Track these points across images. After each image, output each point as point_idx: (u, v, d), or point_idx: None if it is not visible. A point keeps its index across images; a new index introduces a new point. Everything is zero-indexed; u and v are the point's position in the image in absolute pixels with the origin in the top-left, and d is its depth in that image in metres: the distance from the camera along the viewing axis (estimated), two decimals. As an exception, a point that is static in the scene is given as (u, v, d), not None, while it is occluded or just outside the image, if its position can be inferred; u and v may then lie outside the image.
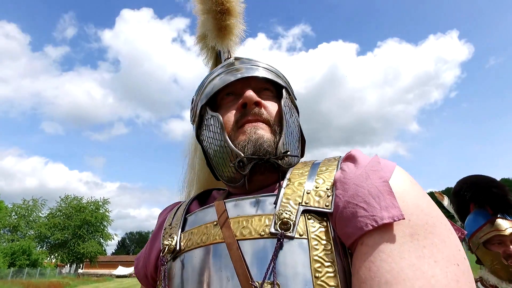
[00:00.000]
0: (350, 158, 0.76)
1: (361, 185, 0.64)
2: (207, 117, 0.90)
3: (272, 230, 0.64)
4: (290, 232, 0.63)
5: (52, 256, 32.58)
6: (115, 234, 37.14)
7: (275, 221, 0.65)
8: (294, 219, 0.65)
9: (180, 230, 0.80)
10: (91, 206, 33.35)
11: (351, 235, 0.60)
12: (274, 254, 0.61)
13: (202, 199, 0.99)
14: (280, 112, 0.88)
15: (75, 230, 31.41)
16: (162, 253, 0.77)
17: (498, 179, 2.14)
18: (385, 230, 0.57)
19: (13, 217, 31.02)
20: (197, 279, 0.67)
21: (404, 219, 0.57)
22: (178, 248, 0.76)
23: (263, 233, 0.65)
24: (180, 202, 1.01)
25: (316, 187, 0.71)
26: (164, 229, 0.86)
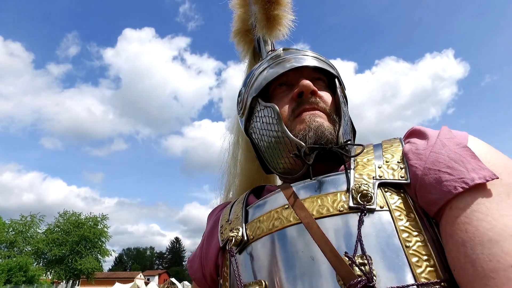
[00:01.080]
0: (415, 133, 0.75)
1: (439, 152, 0.62)
2: (258, 109, 0.88)
3: (351, 204, 0.62)
4: (370, 205, 0.61)
5: (49, 273, 32.06)
6: (113, 250, 36.60)
7: (352, 195, 0.63)
8: (373, 191, 0.63)
9: (243, 222, 0.75)
10: (90, 222, 33.00)
11: (438, 200, 0.57)
12: (359, 226, 0.58)
13: (257, 194, 0.94)
14: (336, 101, 0.87)
15: (73, 246, 30.95)
16: (229, 246, 0.72)
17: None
18: (476, 191, 0.55)
19: (10, 233, 30.70)
20: (273, 267, 0.63)
21: (497, 178, 0.55)
22: (246, 238, 0.71)
23: (342, 208, 0.63)
24: (230, 201, 0.97)
25: (387, 162, 0.69)
26: (221, 226, 0.81)
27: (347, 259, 0.55)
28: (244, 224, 0.75)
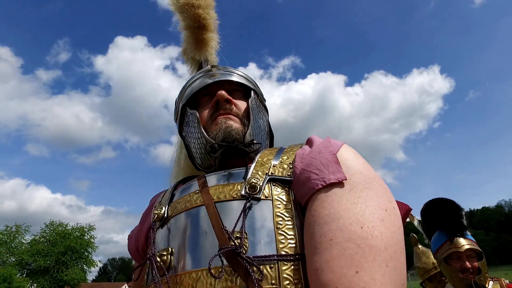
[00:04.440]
0: (308, 141, 0.93)
1: (314, 157, 0.80)
2: (187, 115, 1.08)
3: (243, 193, 0.79)
4: (257, 195, 0.78)
5: (32, 284, 31.35)
6: (99, 261, 36.03)
7: (245, 186, 0.81)
8: (261, 184, 0.80)
9: (168, 202, 0.93)
10: (76, 232, 32.53)
11: (305, 194, 0.75)
12: (243, 210, 0.75)
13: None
14: (248, 108, 1.06)
15: (59, 257, 30.41)
16: (152, 220, 0.90)
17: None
18: (329, 188, 0.72)
19: (-7, 243, 30.03)
20: (180, 237, 0.81)
21: (346, 179, 0.72)
22: (166, 215, 0.89)
23: (235, 195, 0.80)
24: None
25: (281, 162, 0.87)
26: (155, 207, 0.98)
27: (229, 233, 0.72)
28: (167, 204, 0.93)
